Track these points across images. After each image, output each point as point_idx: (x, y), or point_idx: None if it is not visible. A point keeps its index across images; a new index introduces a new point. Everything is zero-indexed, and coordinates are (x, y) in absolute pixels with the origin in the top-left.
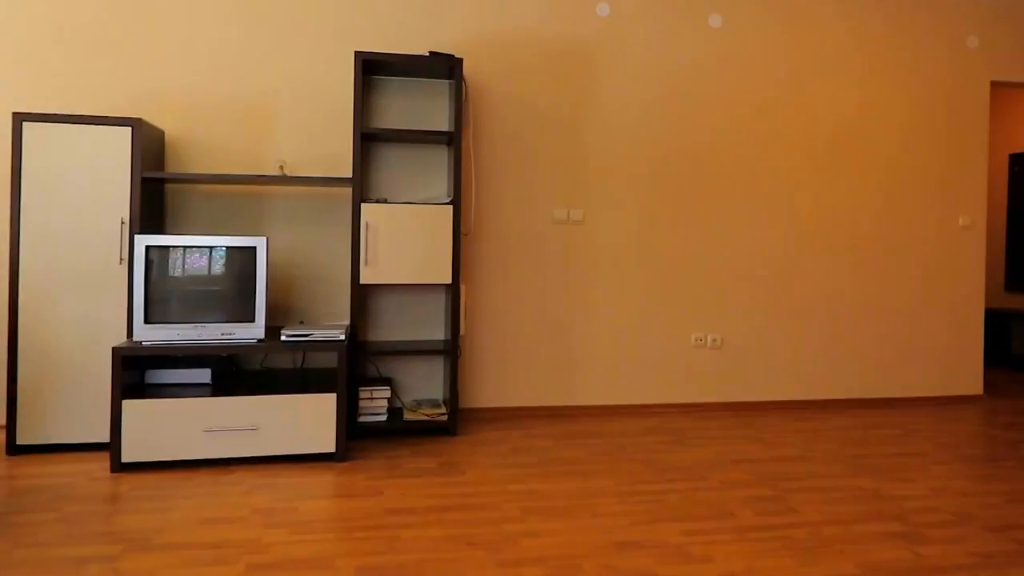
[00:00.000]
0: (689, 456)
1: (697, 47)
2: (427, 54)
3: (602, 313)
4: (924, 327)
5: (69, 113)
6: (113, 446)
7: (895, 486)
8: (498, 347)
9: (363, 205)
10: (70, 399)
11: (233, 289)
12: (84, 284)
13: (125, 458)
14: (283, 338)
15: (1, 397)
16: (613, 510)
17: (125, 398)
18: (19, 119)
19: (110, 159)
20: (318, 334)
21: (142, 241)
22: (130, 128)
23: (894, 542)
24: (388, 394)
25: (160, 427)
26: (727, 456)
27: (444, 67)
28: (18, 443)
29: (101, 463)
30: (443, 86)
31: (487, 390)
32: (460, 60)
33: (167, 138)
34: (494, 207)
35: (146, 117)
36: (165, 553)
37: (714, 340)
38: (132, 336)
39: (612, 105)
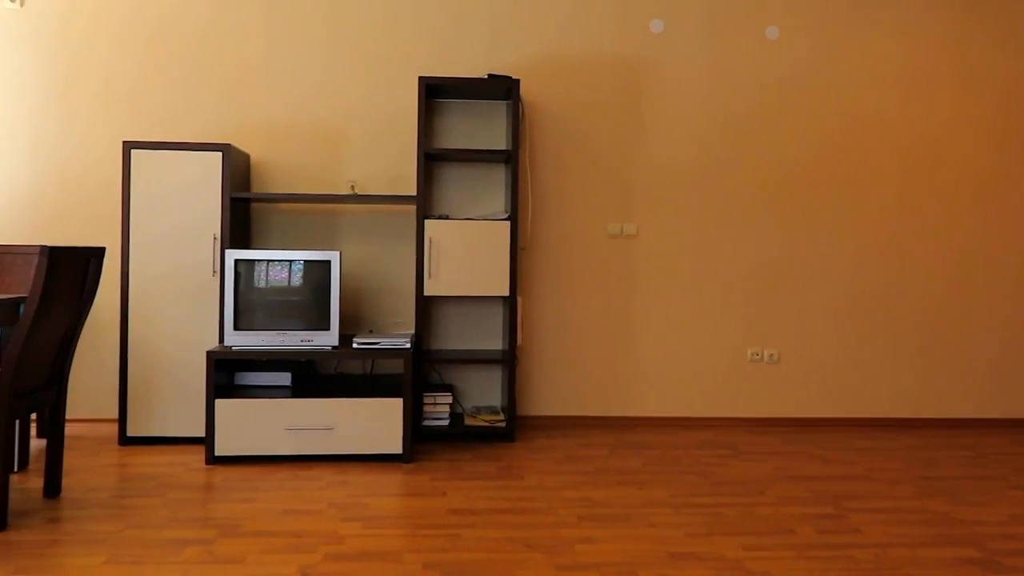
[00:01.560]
0: (745, 470)
1: (754, 60)
2: (486, 76)
3: (656, 326)
4: (999, 345)
5: (169, 140)
6: (208, 441)
7: (968, 510)
8: (554, 357)
9: (426, 221)
10: (171, 397)
11: (310, 299)
12: (183, 293)
13: (218, 452)
14: (355, 345)
15: (115, 393)
16: (668, 521)
17: (218, 397)
18: (128, 147)
19: (204, 181)
20: (386, 342)
21: (231, 255)
22: (221, 153)
23: (968, 569)
24: (450, 400)
25: (247, 424)
26: (785, 472)
27: (502, 88)
28: (128, 435)
29: (197, 455)
30: (501, 106)
31: (543, 399)
32: (517, 81)
33: (252, 161)
34: (550, 222)
35: (234, 143)
36: (253, 540)
37: (771, 355)
38: (223, 341)
39: (666, 120)
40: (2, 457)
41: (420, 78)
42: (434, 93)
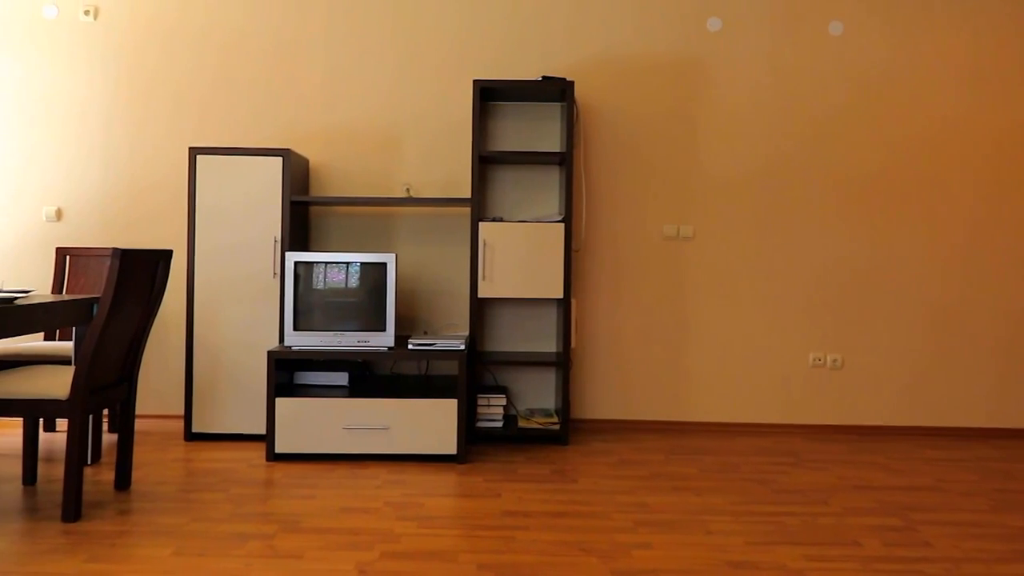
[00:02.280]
0: (807, 479)
1: (816, 56)
2: (540, 79)
3: (713, 330)
4: None
5: (232, 146)
6: (268, 438)
7: None
8: (608, 360)
9: (481, 224)
10: (233, 395)
11: (367, 301)
12: (244, 294)
13: (278, 449)
14: (410, 346)
15: (181, 391)
16: (727, 528)
17: (278, 396)
18: (194, 152)
19: (265, 185)
20: (440, 344)
21: (291, 257)
22: (281, 158)
23: None
24: (504, 402)
25: (306, 423)
26: (849, 481)
27: (556, 90)
28: (193, 431)
29: (258, 452)
30: (555, 108)
31: (597, 402)
32: (571, 83)
33: (311, 165)
34: (604, 224)
35: (294, 147)
36: (312, 536)
37: (834, 361)
38: (283, 341)
39: (724, 120)
40: (78, 451)
41: (475, 81)
42: (489, 96)
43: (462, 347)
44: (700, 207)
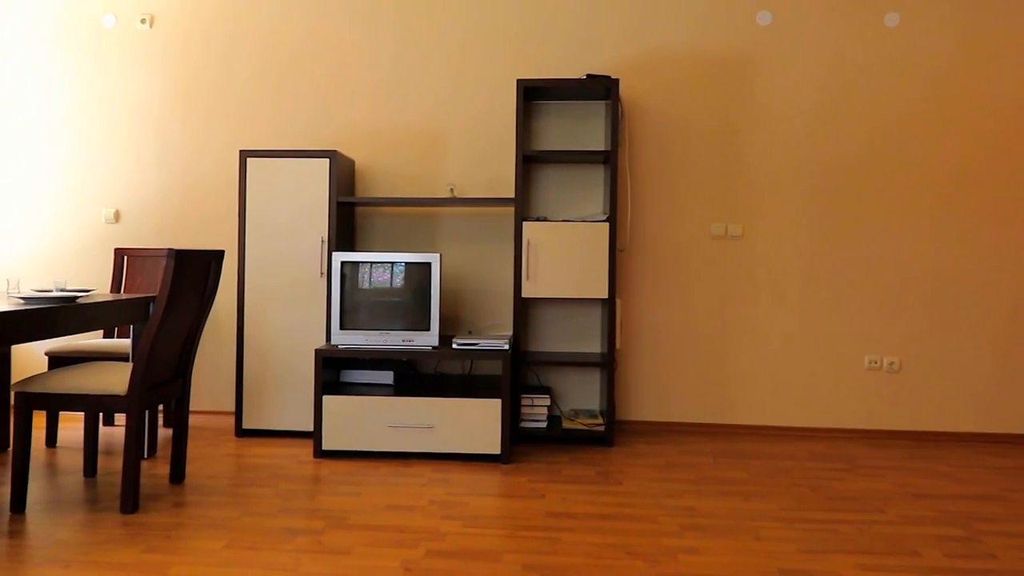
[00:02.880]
0: (863, 486)
1: (871, 49)
2: (584, 77)
3: (763, 331)
4: None
5: (280, 149)
6: (316, 435)
7: None
8: (654, 361)
9: (524, 223)
10: (281, 392)
11: (412, 300)
12: (293, 294)
13: (325, 446)
14: (454, 346)
15: (231, 388)
16: (778, 535)
17: (325, 394)
18: (244, 155)
19: (312, 186)
20: (484, 343)
21: (338, 257)
22: (328, 159)
23: None
24: (548, 403)
25: (352, 421)
26: (908, 489)
27: (601, 88)
28: (243, 427)
29: (306, 449)
30: (599, 107)
31: (643, 403)
32: (616, 81)
33: (357, 166)
34: (650, 223)
35: (340, 149)
36: (359, 532)
37: (891, 363)
38: (330, 340)
39: (774, 116)
40: (136, 445)
41: (518, 81)
42: (532, 95)
43: (506, 347)
44: (749, 205)
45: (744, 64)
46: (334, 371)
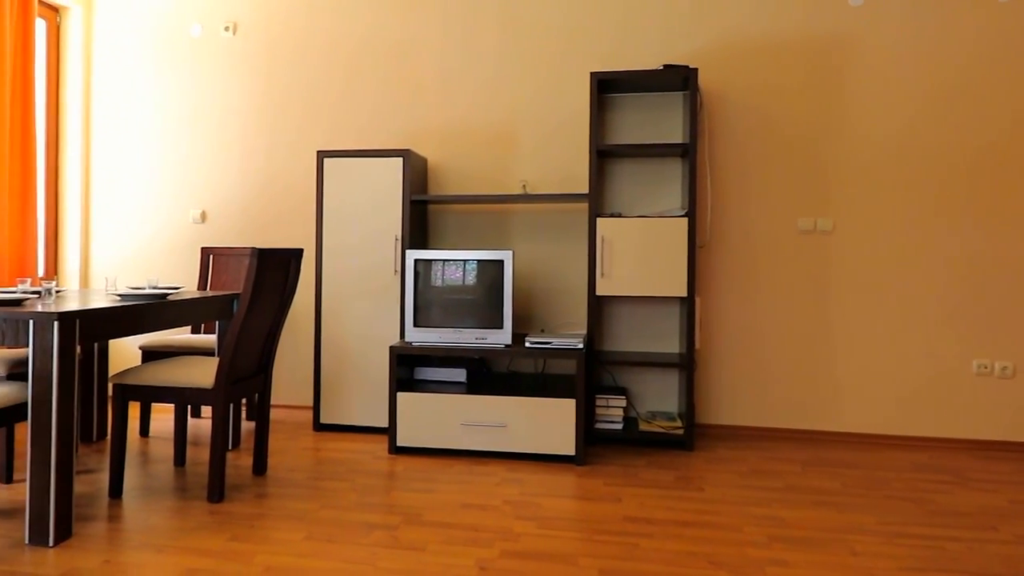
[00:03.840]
0: (973, 500)
1: (977, 28)
2: (661, 68)
3: (856, 332)
4: None
5: (356, 148)
6: (390, 431)
7: None
8: (736, 363)
9: (599, 219)
10: (357, 388)
11: (484, 298)
12: (367, 291)
13: (399, 442)
14: (527, 344)
15: (309, 383)
16: (876, 551)
17: (399, 391)
18: (321, 156)
19: (386, 185)
20: (558, 342)
21: (411, 255)
22: (401, 158)
23: None
24: (623, 404)
25: (426, 418)
26: None
27: (678, 79)
28: (321, 422)
29: (380, 444)
30: (676, 98)
31: (723, 407)
32: (695, 70)
33: (429, 164)
34: (732, 218)
35: (413, 147)
36: (433, 529)
37: (1004, 368)
38: (404, 337)
39: (868, 103)
40: (222, 437)
41: (592, 74)
42: (606, 88)
43: (580, 346)
44: (840, 198)
45: (834, 48)
46: (408, 368)
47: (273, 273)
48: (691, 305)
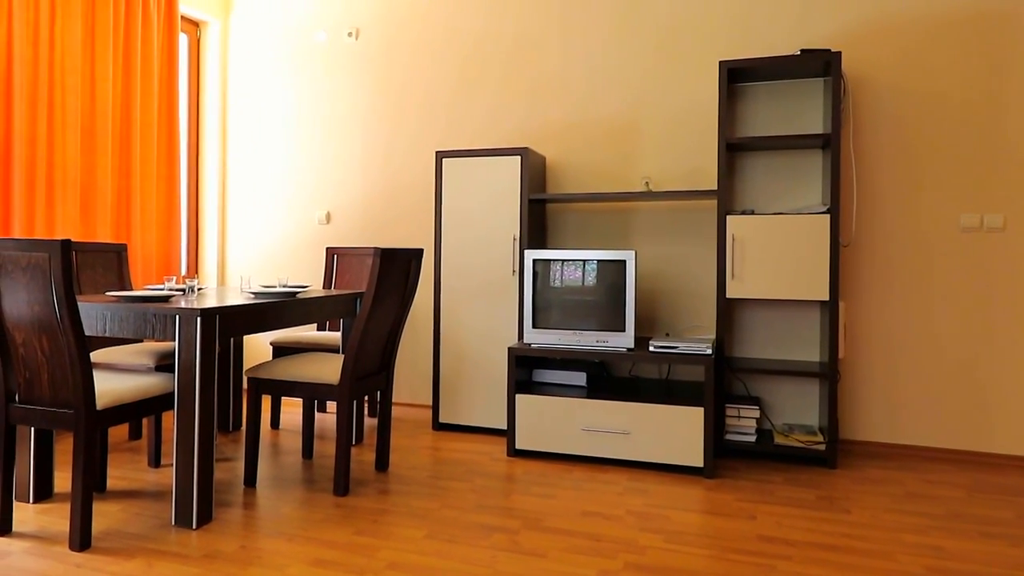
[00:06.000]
0: None
1: None
2: (798, 53)
3: None
4: None
5: (474, 148)
6: (509, 433)
7: None
8: (886, 374)
9: (729, 217)
10: (475, 388)
11: (605, 300)
12: (486, 291)
13: (518, 445)
14: (651, 348)
15: (427, 382)
16: None
17: (517, 392)
18: (440, 156)
19: (504, 184)
20: (684, 347)
21: (530, 255)
22: (519, 157)
23: None
24: (757, 414)
25: (545, 421)
26: None
27: (818, 64)
28: (440, 421)
29: (498, 446)
30: (814, 85)
31: (871, 422)
32: (837, 54)
33: (548, 162)
34: (880, 214)
35: (532, 145)
36: (554, 536)
37: None
38: (522, 338)
39: None
40: (348, 432)
41: (721, 63)
42: (736, 77)
43: (709, 351)
44: (1012, 192)
45: (1001, 24)
46: (526, 370)
47: (395, 272)
48: (834, 310)
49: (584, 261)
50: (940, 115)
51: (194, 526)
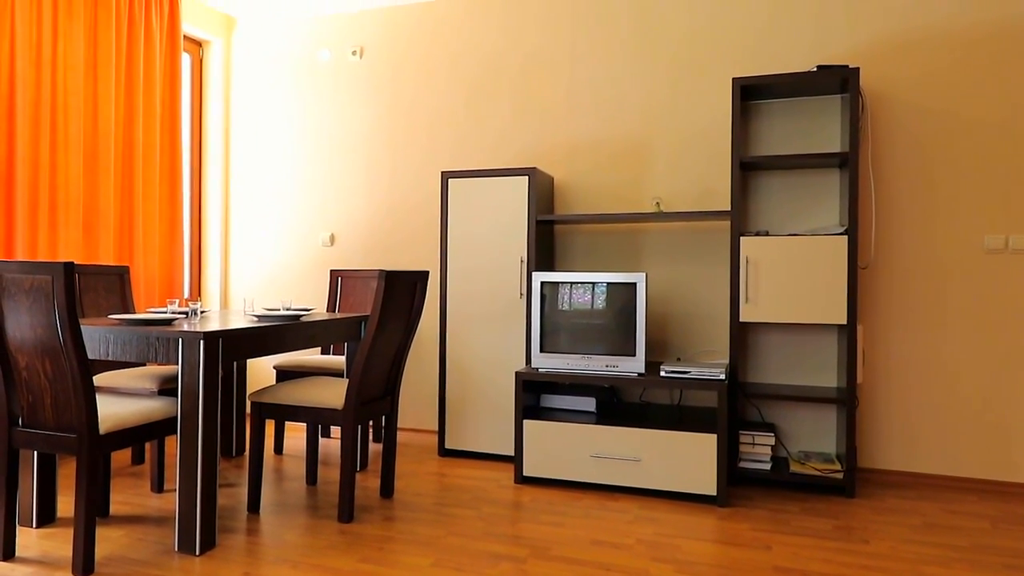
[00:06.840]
0: None
1: None
2: (814, 69)
3: None
4: None
5: (480, 168)
6: (516, 460)
7: None
8: (905, 400)
9: (742, 238)
10: (482, 413)
11: (615, 323)
12: (493, 314)
13: (526, 472)
14: (663, 373)
15: (432, 407)
16: None
17: (525, 418)
18: (446, 176)
19: (510, 205)
20: (696, 372)
21: (538, 277)
22: (527, 177)
23: None
24: (772, 441)
25: (553, 447)
26: None
27: (835, 81)
28: (446, 447)
29: (506, 473)
30: (832, 102)
31: (891, 449)
32: (856, 70)
33: (556, 183)
34: (900, 236)
35: (539, 165)
36: (562, 565)
37: None
38: (530, 362)
39: None
40: (352, 457)
41: (734, 80)
42: (750, 95)
43: (722, 376)
44: None
45: None
46: (534, 395)
47: (400, 295)
48: (852, 334)
49: (593, 284)
50: (962, 134)
51: (197, 552)
